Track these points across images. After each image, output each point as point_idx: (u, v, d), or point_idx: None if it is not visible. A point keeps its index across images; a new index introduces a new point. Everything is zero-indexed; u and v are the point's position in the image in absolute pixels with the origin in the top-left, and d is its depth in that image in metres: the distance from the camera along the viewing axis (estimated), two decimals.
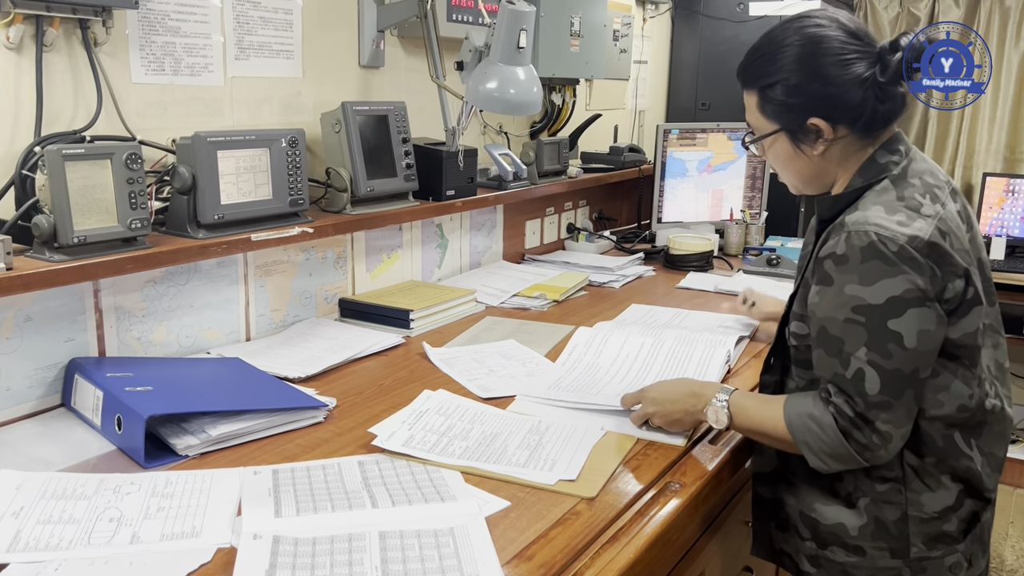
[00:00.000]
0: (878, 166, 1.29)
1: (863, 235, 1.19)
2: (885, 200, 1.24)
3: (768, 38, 1.34)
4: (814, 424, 1.24)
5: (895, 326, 1.18)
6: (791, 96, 1.29)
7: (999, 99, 3.87)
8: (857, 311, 1.19)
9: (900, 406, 1.20)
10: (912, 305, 1.17)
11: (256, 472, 1.24)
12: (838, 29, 1.28)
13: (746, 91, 1.37)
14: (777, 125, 1.33)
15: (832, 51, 1.26)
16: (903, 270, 1.17)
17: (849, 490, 1.30)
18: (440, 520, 1.11)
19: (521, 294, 2.28)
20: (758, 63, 1.34)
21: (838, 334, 1.22)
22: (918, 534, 1.28)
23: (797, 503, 1.36)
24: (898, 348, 1.18)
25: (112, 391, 1.36)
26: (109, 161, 1.44)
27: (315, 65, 2.00)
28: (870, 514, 1.29)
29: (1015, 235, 3.71)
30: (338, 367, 1.70)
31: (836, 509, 1.32)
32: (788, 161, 1.36)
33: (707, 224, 3.04)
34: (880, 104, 1.27)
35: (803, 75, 1.28)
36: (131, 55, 1.62)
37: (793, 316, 1.36)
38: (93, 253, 1.43)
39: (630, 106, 3.56)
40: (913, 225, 1.19)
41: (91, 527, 1.08)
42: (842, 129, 1.29)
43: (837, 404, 1.22)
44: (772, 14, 3.47)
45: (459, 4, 2.17)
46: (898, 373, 1.19)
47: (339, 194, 1.93)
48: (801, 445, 1.26)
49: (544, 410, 1.50)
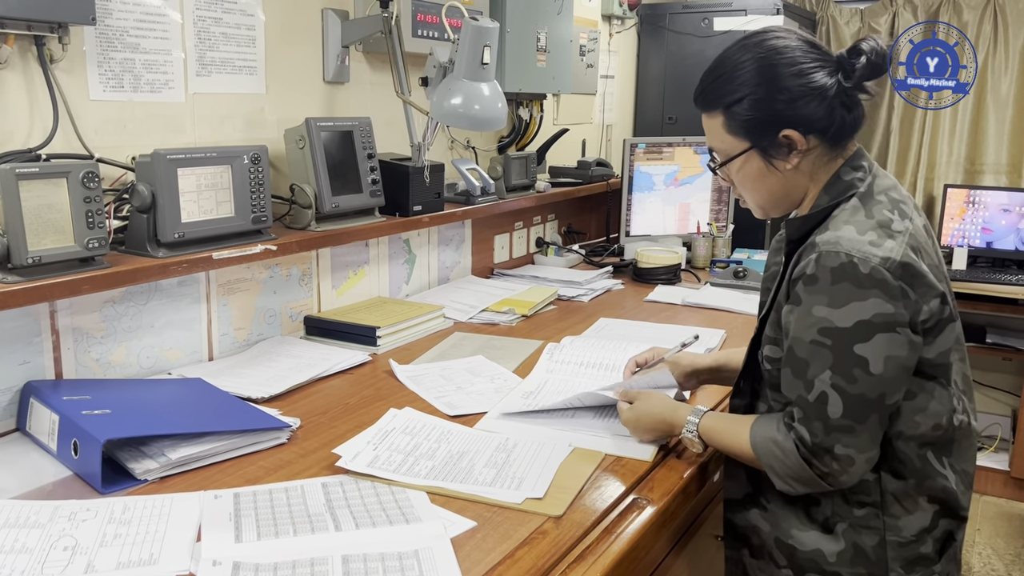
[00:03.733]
0: (843, 183, 1.28)
1: (834, 256, 1.17)
2: (856, 220, 1.22)
3: (723, 58, 1.31)
4: (777, 449, 1.23)
5: (861, 351, 1.16)
6: (760, 110, 1.26)
7: (959, 112, 3.95)
8: (823, 333, 1.18)
9: (863, 431, 1.18)
10: (880, 330, 1.15)
11: (217, 496, 1.22)
12: (797, 40, 1.27)
13: (707, 115, 1.33)
14: (747, 143, 1.29)
15: (795, 61, 1.24)
16: (873, 293, 1.15)
17: (827, 515, 1.28)
18: (404, 542, 1.09)
19: (490, 309, 2.27)
20: (717, 84, 1.30)
21: (804, 356, 1.20)
22: (896, 558, 1.26)
23: (772, 530, 1.34)
24: (863, 373, 1.16)
25: (68, 415, 1.32)
26: (65, 180, 1.41)
27: (279, 81, 1.98)
28: (848, 539, 1.27)
29: (976, 245, 3.77)
30: (303, 386, 1.68)
31: (813, 535, 1.29)
32: (759, 180, 1.32)
33: (675, 237, 3.06)
34: (847, 112, 1.26)
35: (769, 87, 1.25)
36: (89, 72, 1.59)
37: (766, 340, 1.33)
38: (48, 274, 1.40)
39: (597, 120, 3.58)
40: (885, 245, 1.18)
41: (44, 556, 1.05)
42: (813, 139, 1.26)
43: (798, 431, 1.21)
44: (736, 28, 3.51)
45: (424, 20, 2.16)
46: (862, 398, 1.17)
47: (303, 211, 1.91)
48: (767, 468, 1.26)
49: (512, 427, 1.49)
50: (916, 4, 3.96)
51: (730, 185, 1.38)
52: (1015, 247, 3.71)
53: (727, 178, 1.36)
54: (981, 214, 3.77)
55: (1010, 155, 3.90)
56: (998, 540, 3.42)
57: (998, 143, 3.92)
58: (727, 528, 1.43)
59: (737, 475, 1.39)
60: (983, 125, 3.94)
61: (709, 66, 1.33)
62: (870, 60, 1.23)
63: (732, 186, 1.38)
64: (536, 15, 2.61)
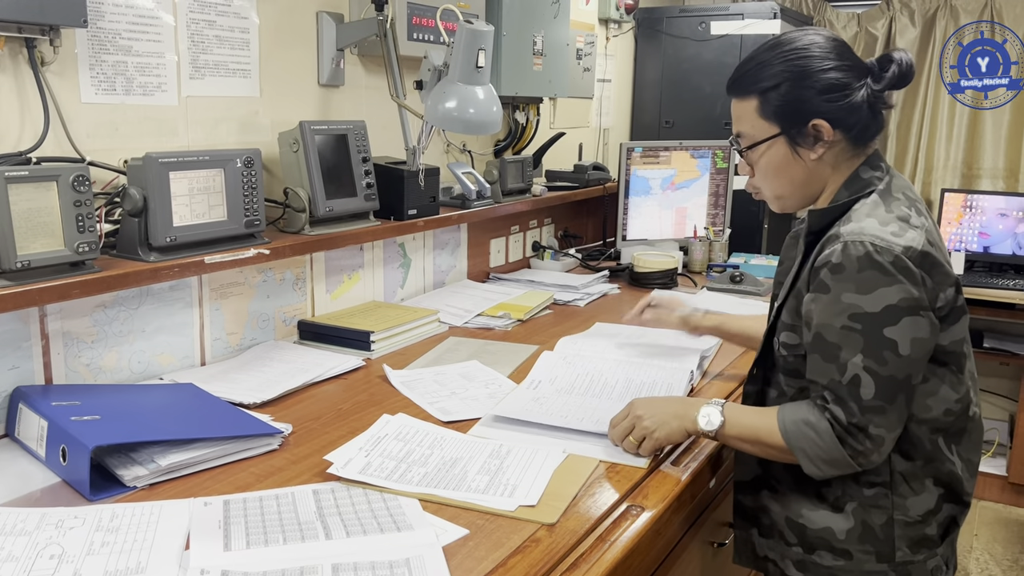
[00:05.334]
0: (862, 181, 1.34)
1: (859, 245, 1.23)
2: (877, 213, 1.28)
3: (762, 50, 1.37)
4: (811, 431, 1.26)
5: (891, 333, 1.21)
6: (794, 97, 1.32)
7: (955, 116, 3.95)
8: (854, 319, 1.23)
9: (892, 411, 1.24)
10: (907, 313, 1.21)
11: (207, 503, 1.20)
12: (831, 40, 1.34)
13: (740, 100, 1.38)
14: (777, 128, 1.35)
15: (831, 57, 1.32)
16: (898, 279, 1.21)
17: (837, 495, 1.33)
18: (396, 551, 1.08)
19: (485, 314, 2.26)
20: (754, 70, 1.36)
21: (835, 340, 1.25)
22: (903, 537, 1.31)
23: (783, 510, 1.39)
24: (893, 355, 1.21)
25: (57, 421, 1.31)
26: (55, 183, 1.40)
27: (273, 84, 1.97)
28: (857, 518, 1.32)
29: (973, 250, 3.77)
30: (296, 391, 1.67)
31: (823, 514, 1.34)
32: (782, 168, 1.37)
33: (671, 241, 3.05)
34: (873, 115, 1.33)
35: (806, 77, 1.31)
36: (80, 74, 1.58)
37: (783, 327, 1.38)
38: (38, 278, 1.39)
39: (594, 124, 3.57)
40: (906, 236, 1.24)
41: (30, 564, 1.04)
42: (839, 134, 1.32)
43: (833, 411, 1.25)
44: (733, 33, 3.51)
45: (419, 23, 2.15)
46: (892, 379, 1.22)
47: (297, 214, 1.90)
48: (797, 452, 1.28)
49: (505, 433, 1.48)
50: (913, 8, 3.96)
51: (749, 175, 1.44)
52: (1012, 251, 3.71)
53: (751, 163, 1.41)
54: (978, 218, 3.77)
55: (1007, 159, 3.90)
56: (996, 545, 3.41)
57: (995, 148, 3.91)
58: (736, 509, 1.49)
59: (747, 458, 1.43)
60: (980, 130, 3.94)
61: (746, 57, 1.39)
62: (900, 69, 1.30)
63: (751, 175, 1.43)
64: (532, 19, 2.61)
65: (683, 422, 1.37)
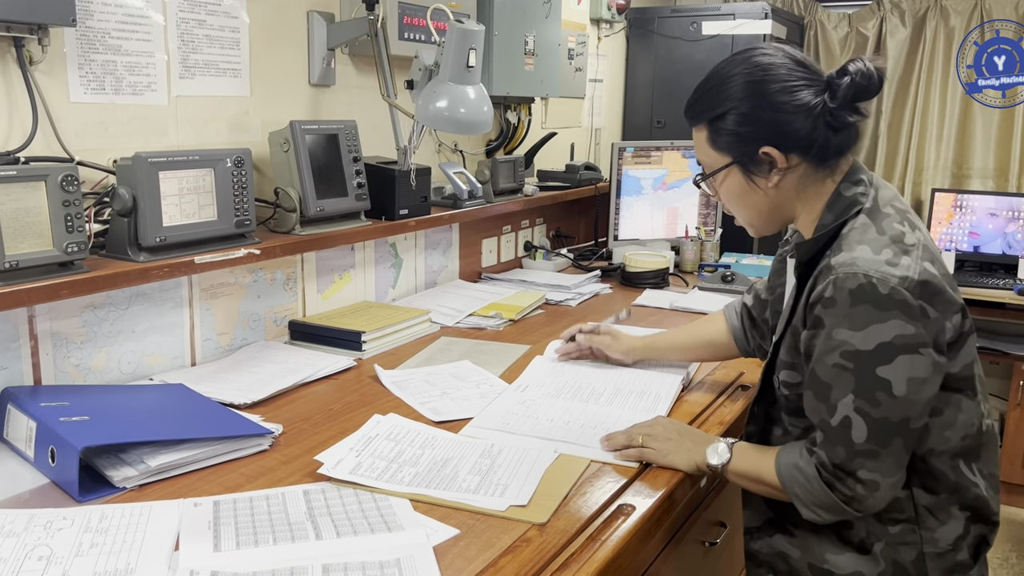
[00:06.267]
0: (846, 200, 1.27)
1: (852, 278, 1.16)
2: (868, 238, 1.20)
3: (714, 72, 1.32)
4: (800, 475, 1.23)
5: (884, 373, 1.14)
6: (742, 125, 1.27)
7: (945, 116, 3.97)
8: (846, 356, 1.16)
9: (887, 455, 1.17)
10: (902, 352, 1.14)
11: (196, 504, 1.20)
12: (785, 58, 1.27)
13: (695, 128, 1.34)
14: (729, 158, 1.30)
15: (780, 78, 1.25)
16: (893, 315, 1.14)
17: (862, 536, 1.27)
18: (386, 551, 1.08)
19: (477, 313, 2.25)
20: (705, 97, 1.31)
21: (826, 379, 1.19)
22: (936, 569, 1.25)
23: (804, 555, 1.31)
24: (887, 396, 1.15)
25: (46, 421, 1.30)
26: (43, 183, 1.39)
27: (263, 83, 1.97)
28: (887, 558, 1.25)
29: (963, 249, 3.79)
30: (286, 392, 1.66)
31: (850, 557, 1.27)
32: (742, 196, 1.33)
33: (663, 241, 3.06)
34: (832, 133, 1.25)
35: (752, 103, 1.25)
36: (69, 74, 1.57)
37: (782, 364, 1.32)
38: (26, 278, 1.38)
39: (586, 124, 3.58)
40: (901, 264, 1.16)
41: (18, 566, 1.03)
42: (794, 158, 1.26)
43: (819, 455, 1.21)
44: (725, 33, 3.52)
45: (410, 23, 2.15)
46: (886, 422, 1.16)
47: (288, 214, 1.90)
48: (792, 496, 1.25)
49: (496, 434, 1.47)
50: (904, 9, 3.98)
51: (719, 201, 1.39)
52: (1002, 251, 3.73)
53: (713, 193, 1.37)
54: (968, 218, 3.79)
55: (997, 159, 3.92)
56: None
57: (985, 147, 3.93)
58: (748, 556, 1.41)
59: (755, 502, 1.39)
60: (970, 130, 3.95)
61: (702, 79, 1.34)
62: (854, 81, 1.22)
63: (720, 202, 1.39)
64: (524, 18, 2.61)
65: (692, 455, 1.35)
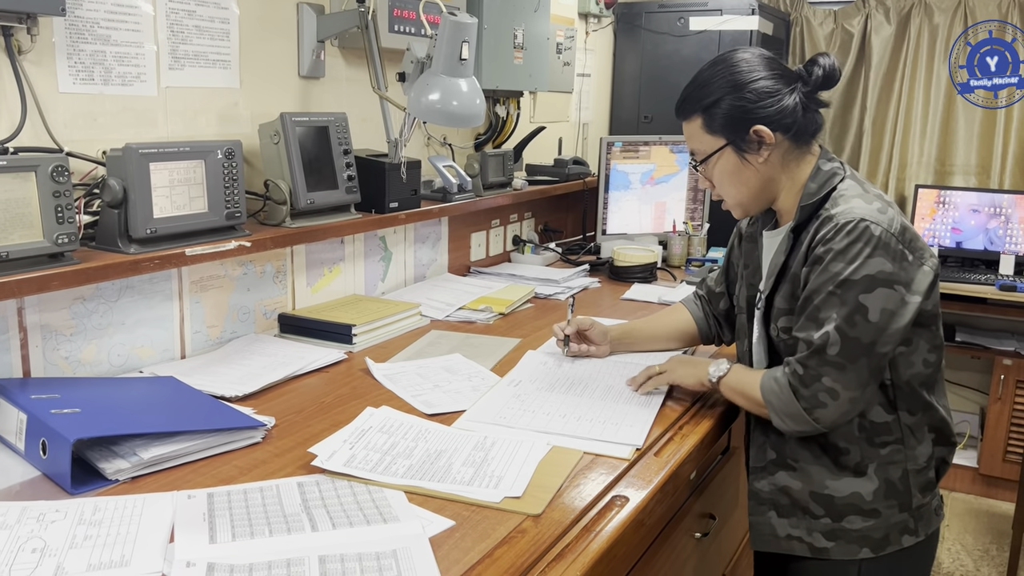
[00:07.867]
0: (825, 173, 1.47)
1: (850, 222, 1.36)
2: (859, 193, 1.42)
3: (700, 73, 1.51)
4: (775, 384, 1.41)
5: (864, 300, 1.34)
6: (735, 109, 1.45)
7: (929, 113, 4.00)
8: (838, 285, 1.35)
9: (852, 371, 1.35)
10: (880, 285, 1.34)
11: (190, 496, 1.20)
12: (760, 56, 1.48)
13: (687, 120, 1.52)
14: (723, 140, 1.48)
15: (761, 69, 1.46)
16: (879, 254, 1.34)
17: (856, 460, 1.44)
18: (382, 542, 1.08)
19: (467, 307, 2.26)
20: (696, 92, 1.49)
21: (819, 303, 1.38)
22: (915, 484, 1.45)
23: (805, 485, 1.48)
24: (863, 319, 1.34)
25: (36, 414, 1.29)
26: (33, 174, 1.38)
27: (253, 75, 1.95)
28: (880, 477, 1.44)
29: (946, 245, 3.83)
30: (277, 385, 1.66)
31: (848, 481, 1.45)
32: (735, 175, 1.50)
33: (651, 236, 3.07)
34: (808, 114, 1.46)
35: (741, 90, 1.45)
36: (58, 64, 1.56)
37: (779, 313, 1.48)
38: (16, 270, 1.37)
39: (574, 119, 3.58)
40: (888, 213, 1.39)
41: (12, 559, 1.02)
42: (779, 136, 1.46)
43: (793, 365, 1.39)
44: (712, 28, 3.53)
45: (401, 15, 2.15)
46: (857, 342, 1.34)
47: (278, 207, 1.89)
48: (768, 405, 1.43)
49: (489, 426, 1.48)
50: (888, 6, 4.00)
51: (710, 188, 1.56)
52: (984, 247, 3.77)
53: (708, 177, 1.54)
54: (951, 214, 3.83)
55: (979, 156, 3.96)
56: (967, 536, 3.47)
57: (967, 144, 3.97)
58: (752, 496, 1.56)
59: (760, 443, 1.54)
60: (953, 127, 3.99)
61: (687, 83, 1.52)
62: (825, 71, 1.46)
63: (712, 187, 1.56)
64: (513, 12, 2.61)
65: (698, 373, 1.57)
